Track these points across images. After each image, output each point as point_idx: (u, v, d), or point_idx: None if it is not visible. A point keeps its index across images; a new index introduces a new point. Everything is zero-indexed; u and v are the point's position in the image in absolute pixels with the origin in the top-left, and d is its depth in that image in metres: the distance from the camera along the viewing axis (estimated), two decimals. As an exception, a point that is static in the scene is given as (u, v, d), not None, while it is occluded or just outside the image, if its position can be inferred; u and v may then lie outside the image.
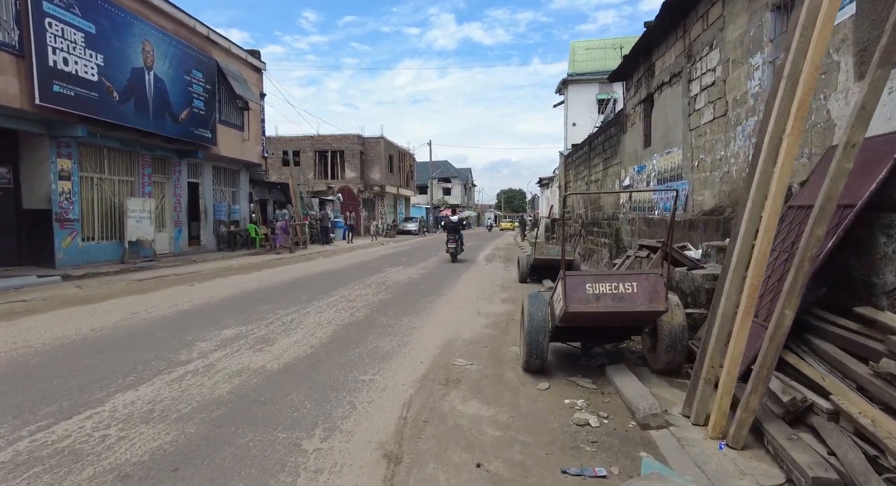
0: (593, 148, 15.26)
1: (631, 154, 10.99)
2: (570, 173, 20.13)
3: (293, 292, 9.16)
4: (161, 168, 14.83)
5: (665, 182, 8.55)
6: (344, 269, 13.13)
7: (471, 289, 9.90)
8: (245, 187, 19.60)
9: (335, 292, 9.25)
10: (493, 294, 9.25)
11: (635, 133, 10.61)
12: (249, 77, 18.49)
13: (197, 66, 14.59)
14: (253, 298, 8.39)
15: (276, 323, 6.45)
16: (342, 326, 6.38)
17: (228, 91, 16.82)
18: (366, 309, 7.56)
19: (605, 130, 13.67)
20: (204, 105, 15.04)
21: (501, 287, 10.24)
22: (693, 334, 4.63)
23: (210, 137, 15.47)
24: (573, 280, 4.01)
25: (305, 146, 36.96)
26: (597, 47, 27.97)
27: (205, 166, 16.86)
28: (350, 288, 9.73)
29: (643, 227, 9.54)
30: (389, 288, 9.81)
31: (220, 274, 11.71)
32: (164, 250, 14.85)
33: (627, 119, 11.31)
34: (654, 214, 9.05)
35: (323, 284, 10.30)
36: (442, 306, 7.91)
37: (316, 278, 11.16)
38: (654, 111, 9.18)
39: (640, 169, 10.16)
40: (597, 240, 13.67)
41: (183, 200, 15.64)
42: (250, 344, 5.41)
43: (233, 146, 17.42)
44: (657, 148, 9.03)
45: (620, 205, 11.75)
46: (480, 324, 6.65)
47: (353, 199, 34.10)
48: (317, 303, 8.02)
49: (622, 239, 11.24)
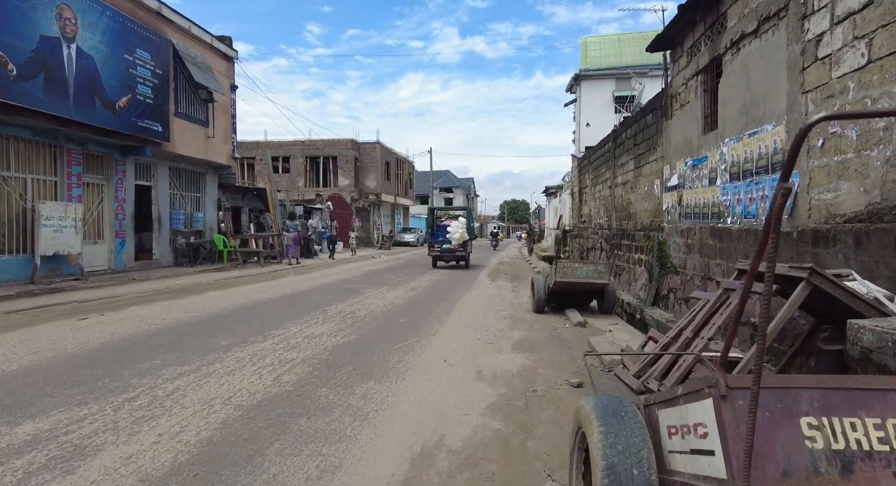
0: (619, 144, 12.69)
1: (680, 145, 8.40)
2: (587, 178, 17.55)
3: (219, 329, 6.54)
4: (97, 167, 12.32)
5: (749, 177, 5.94)
6: (311, 290, 10.51)
7: (470, 325, 7.26)
8: (212, 193, 17.08)
9: (278, 330, 6.62)
10: (500, 335, 6.61)
11: (687, 117, 8.03)
12: (217, 65, 16.07)
13: (144, 46, 12.14)
14: (147, 344, 5.76)
15: (135, 403, 3.82)
16: (245, 409, 3.75)
17: (188, 80, 14.37)
18: (305, 366, 4.92)
19: (637, 120, 11.09)
20: (153, 93, 12.57)
21: (511, 321, 7.59)
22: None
23: (161, 131, 12.98)
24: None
25: (295, 152, 34.56)
26: (610, 42, 25.58)
27: (158, 167, 14.35)
28: (303, 323, 7.11)
29: (708, 240, 6.91)
30: (358, 323, 7.18)
31: (147, 299, 9.10)
32: (101, 266, 12.28)
33: (673, 100, 8.73)
34: (728, 222, 6.43)
35: (271, 314, 7.68)
36: (424, 360, 5.27)
37: (267, 306, 8.54)
38: (724, 81, 6.60)
39: (698, 162, 7.55)
40: (627, 256, 11.02)
41: (128, 206, 13.11)
42: (40, 465, 2.79)
43: (193, 144, 14.93)
44: (730, 130, 6.44)
45: (664, 211, 9.13)
46: (482, 403, 4.00)
47: (345, 208, 31.59)
48: (238, 352, 5.39)
49: (669, 256, 8.60)
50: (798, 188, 4.87)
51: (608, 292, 8.20)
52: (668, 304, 8.50)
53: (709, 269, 6.83)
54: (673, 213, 8.64)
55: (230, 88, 17.02)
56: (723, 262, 6.40)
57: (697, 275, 7.28)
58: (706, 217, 7.20)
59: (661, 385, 3.87)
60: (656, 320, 8.13)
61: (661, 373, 4.06)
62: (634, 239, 10.66)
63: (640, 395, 4.12)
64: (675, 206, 8.60)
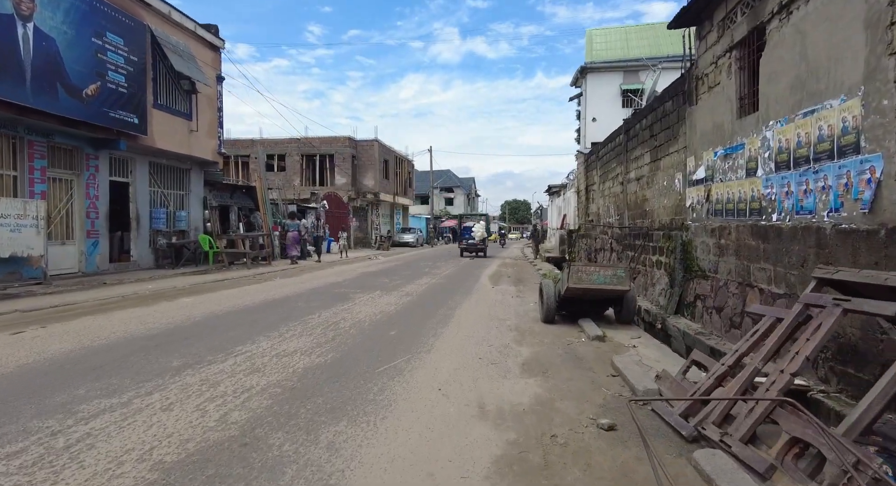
0: (632, 137, 11.71)
1: (707, 133, 7.41)
2: (594, 174, 16.57)
3: (176, 345, 5.56)
4: (65, 161, 11.35)
5: (803, 165, 4.95)
6: (296, 296, 9.53)
7: (470, 338, 6.28)
8: (198, 190, 16.11)
9: (246, 345, 5.64)
10: (505, 351, 5.63)
11: (717, 100, 7.05)
12: (202, 55, 15.10)
13: (115, 29, 11.17)
14: (80, 366, 4.77)
15: (14, 463, 2.84)
16: (165, 469, 2.77)
17: (168, 69, 13.41)
18: (264, 398, 3.94)
19: (654, 109, 10.11)
20: (127, 81, 11.60)
21: (518, 333, 6.61)
22: None
23: (137, 123, 12.02)
24: None
25: (291, 149, 33.59)
26: (616, 34, 24.59)
27: (136, 162, 13.38)
28: (277, 336, 6.12)
29: (748, 240, 5.93)
30: (340, 336, 6.19)
31: (107, 307, 8.13)
32: (70, 269, 11.32)
33: (699, 83, 7.75)
34: (774, 218, 5.44)
35: (244, 325, 6.70)
36: (414, 388, 4.28)
37: (242, 315, 7.57)
38: (769, 53, 5.61)
39: (732, 151, 6.57)
40: (644, 258, 10.03)
41: (101, 204, 12.14)
42: None
43: (175, 138, 13.96)
44: (776, 111, 5.46)
45: (687, 208, 8.15)
46: (485, 458, 3.01)
47: (341, 207, 30.61)
48: (188, 377, 4.41)
49: (695, 258, 7.61)
50: (882, 175, 3.89)
51: (628, 299, 7.22)
52: (694, 312, 7.52)
53: (749, 274, 5.84)
54: (699, 209, 7.66)
55: (216, 80, 16.07)
56: (769, 266, 5.41)
57: (733, 280, 6.29)
58: (743, 214, 6.22)
59: (724, 435, 2.88)
60: (682, 332, 7.15)
61: (722, 415, 3.07)
62: (652, 239, 9.68)
63: (693, 442, 3.15)
64: (701, 202, 7.62)
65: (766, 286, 5.43)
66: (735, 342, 6.06)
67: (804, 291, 3.62)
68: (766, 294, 5.44)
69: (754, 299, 5.66)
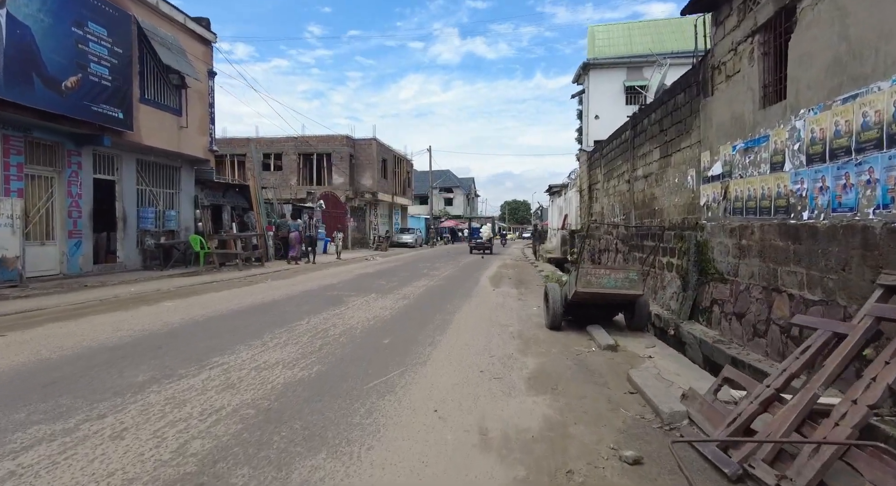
0: (640, 132, 11.20)
1: (725, 125, 6.90)
2: (598, 172, 16.06)
3: (145, 356, 5.04)
4: (45, 157, 10.82)
5: (842, 157, 4.43)
6: (286, 300, 9.00)
7: (469, 347, 5.75)
8: (188, 189, 15.58)
9: (224, 356, 5.12)
10: (509, 363, 5.10)
11: (737, 89, 6.53)
12: (192, 48, 14.58)
13: (97, 19, 10.63)
14: (30, 382, 4.24)
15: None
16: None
17: (156, 62, 12.88)
18: (233, 422, 3.42)
19: (664, 102, 9.60)
20: (111, 74, 11.07)
21: (522, 342, 6.09)
22: None
23: (122, 118, 11.49)
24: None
25: (288, 148, 33.05)
26: (619, 30, 24.09)
27: (123, 159, 12.85)
28: (260, 345, 5.60)
29: (774, 241, 5.41)
30: (328, 346, 5.67)
31: (80, 312, 7.60)
32: (50, 271, 10.79)
33: (716, 72, 7.23)
34: (805, 216, 4.93)
35: (225, 333, 6.18)
36: (406, 409, 3.77)
37: (225, 320, 7.04)
38: (801, 35, 5.10)
39: (754, 144, 6.06)
40: (653, 259, 9.51)
41: (85, 203, 11.61)
42: None
43: (163, 134, 13.44)
44: (808, 98, 4.95)
45: (701, 206, 7.64)
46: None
47: (338, 207, 30.08)
48: (151, 395, 3.89)
49: (711, 260, 7.10)
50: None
51: (640, 304, 6.70)
52: (710, 318, 7.01)
53: (776, 277, 5.33)
54: (715, 208, 7.15)
55: (208, 75, 15.54)
56: (800, 269, 4.89)
57: (756, 284, 5.78)
58: (767, 212, 5.71)
59: (782, 478, 2.36)
60: (698, 339, 6.63)
61: (775, 451, 2.55)
62: (662, 239, 9.17)
63: (739, 483, 2.62)
64: (717, 199, 7.11)
65: (798, 292, 4.92)
66: (759, 352, 5.55)
67: (868, 300, 3.09)
68: (796, 301, 4.92)
69: (783, 305, 5.15)
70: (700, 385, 4.29)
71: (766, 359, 5.24)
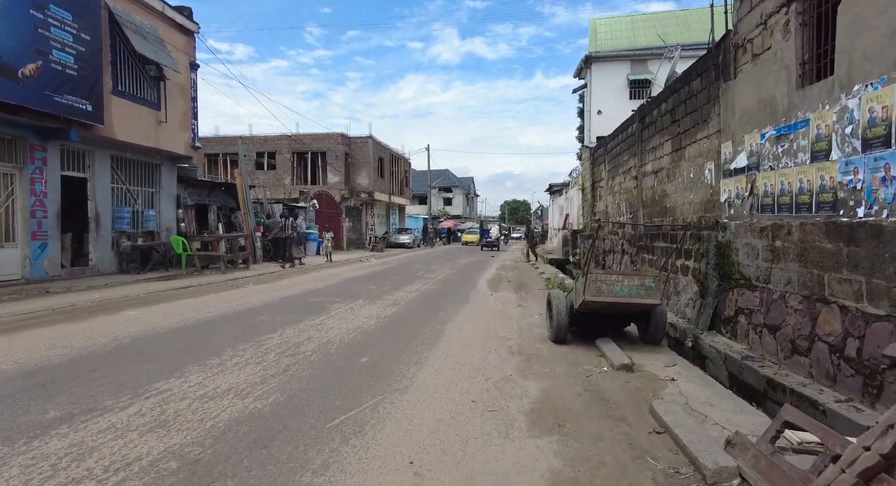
0: (648, 124, 10.39)
1: (752, 111, 6.09)
2: (602, 169, 15.25)
3: (74, 382, 4.22)
4: (4, 152, 10.00)
5: (914, 138, 3.62)
6: (263, 307, 8.18)
7: (461, 367, 4.94)
8: (169, 188, 14.76)
9: (169, 380, 4.31)
10: (506, 389, 4.29)
11: (767, 69, 5.72)
12: (172, 39, 13.76)
13: (60, 2, 9.78)
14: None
15: None
16: None
17: (131, 52, 12.06)
18: (137, 484, 2.60)
19: (676, 90, 8.79)
20: (77, 62, 10.25)
21: (523, 359, 5.27)
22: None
23: (91, 110, 10.67)
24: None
25: (282, 147, 32.22)
26: (622, 24, 23.28)
27: (95, 155, 12.04)
28: (216, 365, 4.79)
29: (820, 242, 4.60)
30: (296, 365, 4.85)
31: (25, 323, 6.78)
32: (11, 275, 9.98)
33: (740, 52, 6.42)
34: (860, 213, 4.12)
35: (181, 349, 5.36)
36: (373, 460, 2.95)
37: (188, 333, 6.23)
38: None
39: (789, 130, 5.24)
40: (664, 262, 8.69)
41: (51, 202, 10.79)
42: None
43: (140, 129, 12.62)
44: (863, 72, 4.14)
45: (722, 204, 6.82)
46: None
47: (333, 207, 29.27)
48: (45, 444, 3.08)
49: (736, 263, 6.28)
50: None
51: (657, 314, 5.88)
52: (735, 330, 6.19)
53: (822, 286, 4.51)
54: (739, 205, 6.34)
55: (190, 67, 14.72)
56: (858, 277, 4.07)
57: (795, 293, 4.96)
58: (806, 208, 4.90)
59: None
60: (723, 355, 5.82)
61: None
62: (675, 240, 8.36)
63: None
64: (741, 195, 6.30)
65: (854, 303, 4.10)
66: (800, 372, 4.73)
67: None
68: (852, 315, 4.11)
69: (832, 319, 4.33)
70: (743, 422, 3.48)
71: (812, 382, 4.43)
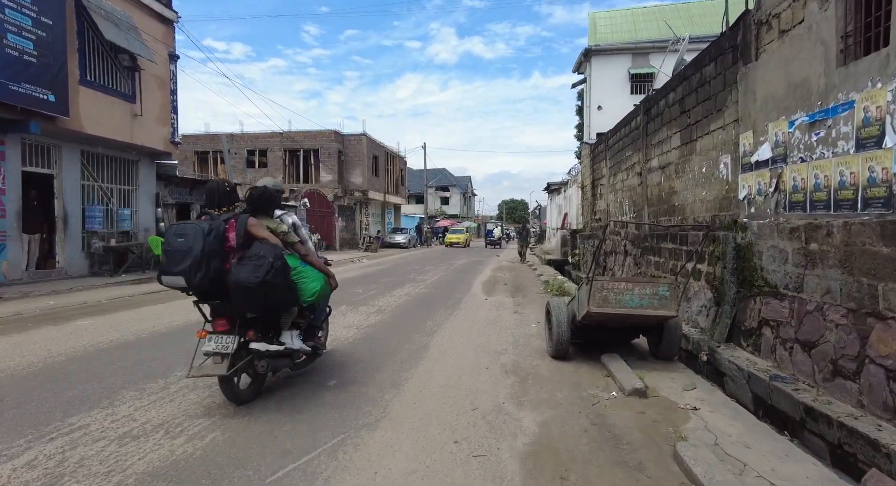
0: (654, 117, 9.67)
1: (777, 97, 5.38)
2: (602, 166, 14.52)
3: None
4: (-45, 146, 9.25)
5: None
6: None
7: (445, 393, 4.20)
8: (148, 186, 13.98)
9: (91, 412, 3.59)
10: (497, 423, 3.56)
11: (798, 46, 5.01)
12: (149, 27, 12.99)
13: (19, -17, 9.04)
14: None
15: None
16: None
17: (101, 39, 11.29)
18: None
19: (686, 77, 8.07)
20: (37, 48, 9.48)
21: (519, 380, 4.54)
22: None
23: (54, 101, 9.90)
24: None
25: (273, 145, 31.42)
26: (622, 17, 22.58)
27: (63, 150, 11.27)
28: (155, 391, 4.06)
29: (870, 245, 3.88)
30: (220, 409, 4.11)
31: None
32: (-35, 279, 9.19)
33: (763, 29, 5.70)
34: (926, 212, 3.39)
35: (107, 374, 4.62)
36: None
37: (140, 348, 5.48)
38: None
39: (826, 115, 4.53)
40: (672, 265, 7.98)
41: (10, 200, 10.02)
42: None
43: (111, 122, 11.85)
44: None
45: (741, 201, 6.10)
46: None
47: (325, 206, 28.50)
48: None
49: (758, 268, 5.55)
50: None
51: (671, 327, 5.17)
52: (758, 344, 5.46)
53: (877, 298, 3.78)
54: (761, 202, 5.62)
55: (169, 58, 13.94)
56: (924, 288, 3.34)
57: (836, 305, 4.24)
58: (851, 205, 4.18)
59: None
60: (746, 373, 5.08)
61: None
62: (686, 241, 7.64)
63: None
64: (764, 191, 5.58)
65: (918, 320, 3.38)
66: (847, 400, 3.98)
67: None
68: (917, 333, 3.38)
69: (890, 337, 3.61)
70: (794, 475, 2.75)
71: (864, 414, 3.70)
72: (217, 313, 3.61)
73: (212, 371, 3.48)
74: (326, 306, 4.70)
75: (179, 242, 3.44)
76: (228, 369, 3.43)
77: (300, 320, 4.12)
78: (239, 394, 3.71)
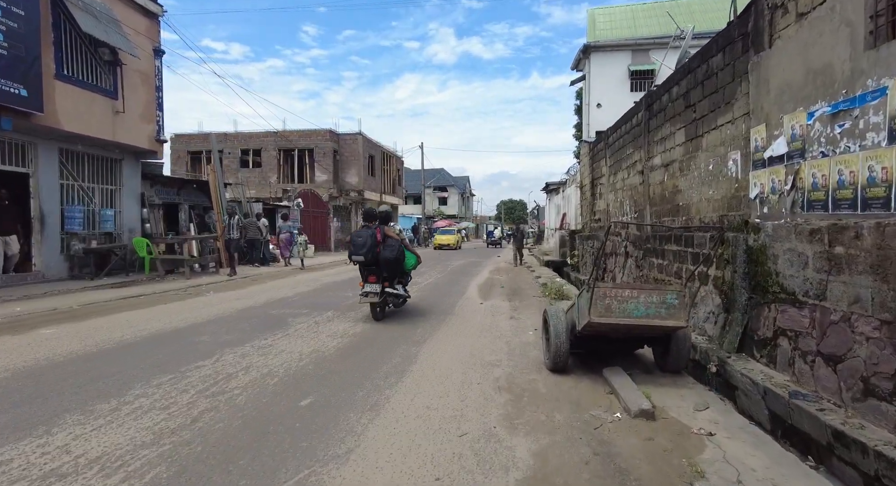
0: (656, 112, 9.23)
1: (793, 86, 4.94)
2: (602, 165, 14.08)
3: None
4: (-79, 143, 8.76)
5: None
6: (211, 322, 6.97)
7: (429, 415, 3.75)
8: (133, 185, 13.50)
9: (19, 442, 3.13)
10: (487, 451, 3.11)
11: (818, 30, 4.57)
12: (132, 21, 12.51)
13: (-12, -28, 8.57)
14: None
15: None
16: None
17: (79, 32, 10.81)
18: None
19: (691, 70, 7.63)
20: (7, 40, 9.00)
21: (513, 399, 4.09)
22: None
23: (27, 96, 9.42)
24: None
25: (267, 144, 30.93)
26: (622, 13, 22.15)
27: (39, 148, 10.79)
28: (105, 414, 3.61)
29: (908, 250, 3.43)
30: (213, 412, 3.67)
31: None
32: (-69, 284, 8.71)
33: (777, 14, 5.26)
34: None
35: (70, 388, 4.17)
36: None
37: (101, 360, 5.02)
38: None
39: (852, 105, 4.09)
40: (677, 268, 7.54)
41: (-17, 200, 9.54)
42: None
43: (92, 119, 11.37)
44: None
45: (752, 200, 5.66)
46: None
47: (320, 206, 28.02)
48: None
49: (773, 273, 5.11)
50: None
51: (680, 338, 4.73)
52: (773, 355, 5.01)
53: (914, 309, 3.34)
54: (776, 201, 5.18)
55: (154, 54, 13.47)
56: (977, 300, 2.89)
57: (866, 316, 3.79)
58: (882, 204, 3.73)
59: None
60: (760, 388, 4.62)
61: None
62: (692, 243, 7.20)
63: None
64: (779, 189, 5.14)
65: (971, 337, 2.93)
66: (883, 424, 3.52)
67: None
68: (969, 352, 2.94)
69: (933, 355, 3.16)
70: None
71: (904, 442, 3.26)
72: (371, 272, 7.02)
73: (371, 300, 7.00)
74: (411, 274, 8.06)
75: (359, 239, 6.99)
76: (379, 298, 7.02)
77: (403, 279, 7.64)
78: (378, 315, 7.17)
